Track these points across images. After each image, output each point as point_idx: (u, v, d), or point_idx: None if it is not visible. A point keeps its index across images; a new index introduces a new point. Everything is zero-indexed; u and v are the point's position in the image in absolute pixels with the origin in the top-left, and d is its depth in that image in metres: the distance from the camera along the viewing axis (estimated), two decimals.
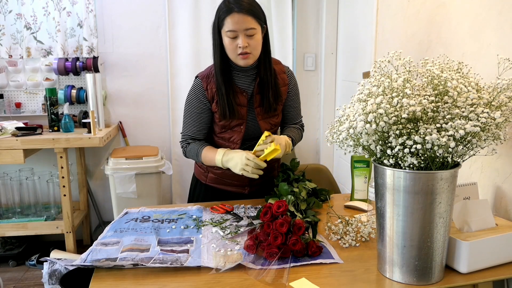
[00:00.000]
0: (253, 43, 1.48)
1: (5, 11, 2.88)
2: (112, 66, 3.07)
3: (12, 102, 2.99)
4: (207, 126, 1.64)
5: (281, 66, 1.68)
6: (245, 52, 1.48)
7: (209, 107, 1.60)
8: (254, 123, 1.62)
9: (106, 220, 3.26)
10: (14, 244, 2.98)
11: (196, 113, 1.61)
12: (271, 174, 1.73)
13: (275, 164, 1.76)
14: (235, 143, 1.61)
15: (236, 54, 1.49)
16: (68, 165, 2.68)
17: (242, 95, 1.59)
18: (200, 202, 1.63)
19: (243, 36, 1.46)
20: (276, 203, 1.20)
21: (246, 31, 1.46)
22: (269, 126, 1.64)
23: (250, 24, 1.46)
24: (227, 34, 1.47)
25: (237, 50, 1.48)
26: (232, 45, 1.48)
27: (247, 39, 1.47)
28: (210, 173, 1.70)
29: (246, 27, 1.45)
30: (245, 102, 1.59)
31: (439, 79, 0.97)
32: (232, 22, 1.45)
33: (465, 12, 1.49)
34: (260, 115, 1.61)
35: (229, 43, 1.48)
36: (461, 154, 0.98)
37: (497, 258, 1.08)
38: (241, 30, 1.45)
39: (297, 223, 1.15)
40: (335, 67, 3.16)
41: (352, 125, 0.97)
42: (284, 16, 3.09)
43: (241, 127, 1.60)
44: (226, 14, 1.45)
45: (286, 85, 1.65)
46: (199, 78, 1.61)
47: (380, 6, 2.21)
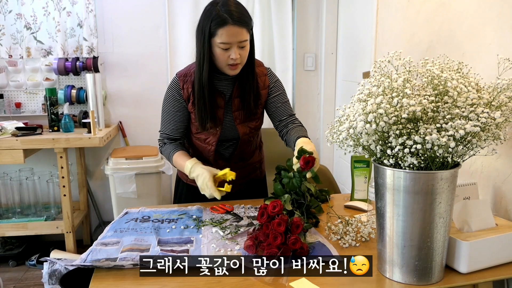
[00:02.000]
0: (244, 53, 1.46)
1: (5, 11, 2.88)
2: (112, 66, 3.07)
3: (12, 102, 2.99)
4: (184, 125, 1.61)
5: (263, 68, 1.63)
6: (236, 63, 1.45)
7: (185, 106, 1.57)
8: (231, 126, 1.58)
9: (106, 220, 3.26)
10: (14, 244, 2.98)
11: (172, 112, 1.58)
12: (253, 175, 1.73)
13: (257, 164, 1.75)
14: (211, 144, 1.59)
15: (226, 64, 1.46)
16: (68, 165, 2.68)
17: (220, 97, 1.55)
18: (183, 203, 1.63)
19: (236, 49, 1.43)
20: (271, 203, 1.20)
21: (239, 43, 1.43)
22: (248, 130, 1.60)
23: (244, 37, 1.43)
24: (220, 45, 1.42)
25: (228, 61, 1.44)
26: (224, 56, 1.44)
27: (239, 50, 1.44)
28: None
29: (240, 40, 1.42)
30: (222, 104, 1.56)
31: (439, 79, 0.97)
32: (226, 35, 1.40)
33: (465, 12, 1.49)
34: (238, 119, 1.57)
35: (220, 54, 1.44)
36: (461, 154, 0.98)
37: (497, 258, 1.08)
38: (235, 42, 1.42)
39: (295, 222, 1.15)
40: (335, 67, 3.16)
41: (352, 125, 0.97)
42: (284, 16, 3.09)
43: (217, 129, 1.56)
44: (220, 26, 1.40)
45: (267, 87, 1.61)
46: (176, 77, 1.58)
47: (380, 6, 2.21)
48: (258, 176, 1.76)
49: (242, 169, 1.66)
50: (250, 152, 1.70)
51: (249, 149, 1.68)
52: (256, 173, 1.75)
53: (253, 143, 1.70)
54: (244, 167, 1.69)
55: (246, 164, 1.70)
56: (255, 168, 1.74)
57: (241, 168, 1.66)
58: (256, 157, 1.74)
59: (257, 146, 1.75)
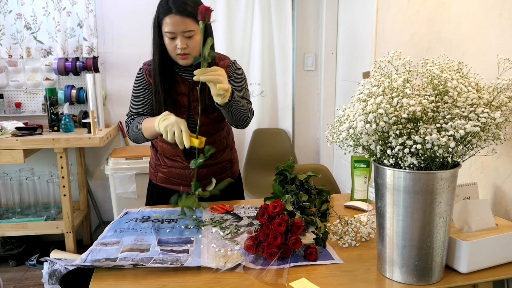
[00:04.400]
0: (192, 44, 1.47)
1: (5, 11, 2.88)
2: (112, 66, 3.07)
3: (12, 102, 2.99)
4: (151, 103, 1.60)
5: (226, 61, 1.63)
6: (184, 53, 1.47)
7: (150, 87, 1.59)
8: (191, 115, 1.59)
9: (106, 220, 3.26)
10: (14, 244, 2.98)
11: (141, 89, 1.60)
12: (223, 174, 1.70)
13: (228, 164, 1.72)
14: None
15: (175, 54, 1.49)
16: (68, 165, 2.68)
17: (183, 84, 1.57)
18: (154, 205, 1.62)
19: (181, 38, 1.45)
20: (272, 203, 1.20)
21: (184, 33, 1.44)
22: (207, 121, 1.59)
23: (188, 27, 1.43)
24: (166, 34, 1.46)
25: (176, 50, 1.47)
26: (171, 46, 1.48)
27: (186, 40, 1.45)
28: (159, 172, 1.70)
29: (184, 29, 1.43)
30: (186, 91, 1.58)
31: (439, 79, 0.97)
32: (170, 23, 1.43)
33: (465, 12, 1.49)
34: (197, 109, 1.53)
35: (168, 43, 1.48)
36: (461, 154, 0.98)
37: (497, 258, 1.08)
38: (179, 32, 1.44)
39: (296, 222, 1.15)
40: (335, 67, 3.17)
41: (352, 125, 0.97)
42: (284, 16, 3.09)
43: (184, 116, 1.56)
44: (165, 14, 1.44)
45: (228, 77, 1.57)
46: (141, 67, 1.62)
47: (380, 6, 2.21)
48: (229, 176, 1.73)
49: (210, 167, 1.65)
50: (218, 149, 1.67)
51: (216, 144, 1.64)
52: (226, 174, 1.72)
53: (220, 139, 1.68)
54: (213, 165, 1.66)
55: (215, 163, 1.67)
56: (224, 168, 1.71)
57: (209, 166, 1.64)
58: (226, 155, 1.71)
59: (227, 145, 1.72)
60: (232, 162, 1.75)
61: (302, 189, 1.41)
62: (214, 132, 1.64)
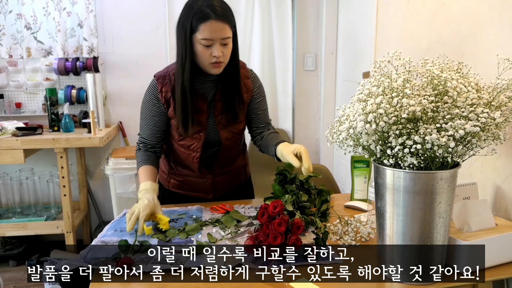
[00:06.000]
0: (226, 51, 1.39)
1: (5, 11, 2.88)
2: (112, 66, 3.07)
3: (12, 102, 2.99)
4: (162, 131, 1.53)
5: (245, 70, 1.55)
6: (219, 61, 1.38)
7: (163, 111, 1.49)
8: (213, 131, 1.52)
9: (106, 220, 3.26)
10: (14, 244, 2.98)
11: (150, 116, 1.51)
12: (237, 179, 1.69)
13: (241, 169, 1.70)
14: (196, 151, 1.52)
15: (208, 62, 1.38)
16: (68, 165, 2.68)
17: (201, 100, 1.48)
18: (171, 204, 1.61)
19: (218, 45, 1.35)
20: (272, 203, 1.20)
21: (222, 40, 1.35)
22: (231, 135, 1.54)
23: (226, 33, 1.35)
24: (201, 41, 1.35)
25: (211, 59, 1.37)
26: (206, 54, 1.36)
27: (222, 48, 1.36)
28: (172, 179, 1.65)
29: (223, 36, 1.35)
30: (205, 108, 1.49)
31: (439, 79, 0.97)
32: (209, 30, 1.33)
33: (465, 12, 1.49)
34: (221, 124, 1.51)
35: (202, 51, 1.36)
36: (461, 154, 0.98)
37: (497, 258, 1.08)
38: (217, 39, 1.34)
39: (296, 222, 1.15)
40: (335, 67, 3.16)
41: (352, 125, 0.97)
42: (284, 16, 3.09)
43: (201, 134, 1.49)
44: (201, 21, 1.33)
45: (250, 91, 1.54)
46: (154, 79, 1.50)
47: (380, 6, 2.21)
48: (242, 179, 1.71)
49: (226, 174, 1.63)
50: (234, 157, 1.64)
51: (232, 154, 1.62)
52: (240, 178, 1.70)
53: (237, 147, 1.64)
54: (228, 173, 1.64)
55: (230, 170, 1.64)
56: (239, 173, 1.69)
57: (225, 174, 1.62)
58: (240, 161, 1.68)
59: (241, 150, 1.69)
60: (245, 166, 1.73)
61: (302, 189, 1.41)
62: (234, 145, 1.61)
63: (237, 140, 1.61)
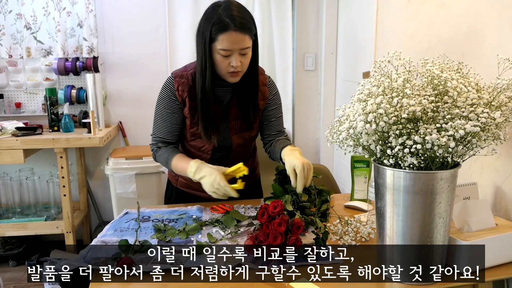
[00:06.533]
0: (245, 61, 1.39)
1: (5, 11, 2.88)
2: (112, 66, 3.07)
3: (12, 102, 2.99)
4: (179, 128, 1.53)
5: (263, 77, 1.54)
6: (237, 71, 1.38)
7: (180, 107, 1.49)
8: (226, 135, 1.52)
9: (106, 220, 3.26)
10: (14, 244, 2.98)
11: (167, 113, 1.50)
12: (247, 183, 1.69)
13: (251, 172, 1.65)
14: (206, 153, 1.53)
15: (226, 71, 1.39)
16: (68, 165, 2.68)
17: (216, 104, 1.47)
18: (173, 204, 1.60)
19: (237, 55, 1.35)
20: (272, 203, 1.20)
21: (241, 50, 1.35)
22: (243, 141, 1.55)
23: (246, 44, 1.35)
24: (220, 51, 1.35)
25: (229, 68, 1.37)
26: (224, 63, 1.37)
27: (240, 57, 1.36)
28: (180, 177, 1.64)
29: (242, 47, 1.35)
30: (219, 112, 1.49)
31: (439, 79, 0.97)
32: (227, 41, 1.32)
33: (465, 12, 1.49)
34: (234, 129, 1.52)
35: (221, 61, 1.37)
36: (461, 154, 0.98)
37: (497, 258, 1.08)
38: (236, 49, 1.34)
39: (296, 222, 1.15)
40: (335, 67, 3.16)
41: (352, 125, 0.97)
42: (284, 16, 3.09)
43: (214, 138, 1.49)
44: (221, 31, 1.32)
45: (266, 98, 1.54)
46: (172, 76, 1.50)
47: (380, 6, 2.21)
48: (252, 181, 1.71)
49: None
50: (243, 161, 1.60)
51: (242, 158, 1.60)
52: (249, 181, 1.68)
53: (246, 152, 1.64)
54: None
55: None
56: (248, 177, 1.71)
57: None
58: (249, 165, 1.64)
59: (250, 154, 1.69)
60: (254, 169, 1.73)
61: None
62: (245, 151, 1.61)
63: (247, 146, 1.61)
